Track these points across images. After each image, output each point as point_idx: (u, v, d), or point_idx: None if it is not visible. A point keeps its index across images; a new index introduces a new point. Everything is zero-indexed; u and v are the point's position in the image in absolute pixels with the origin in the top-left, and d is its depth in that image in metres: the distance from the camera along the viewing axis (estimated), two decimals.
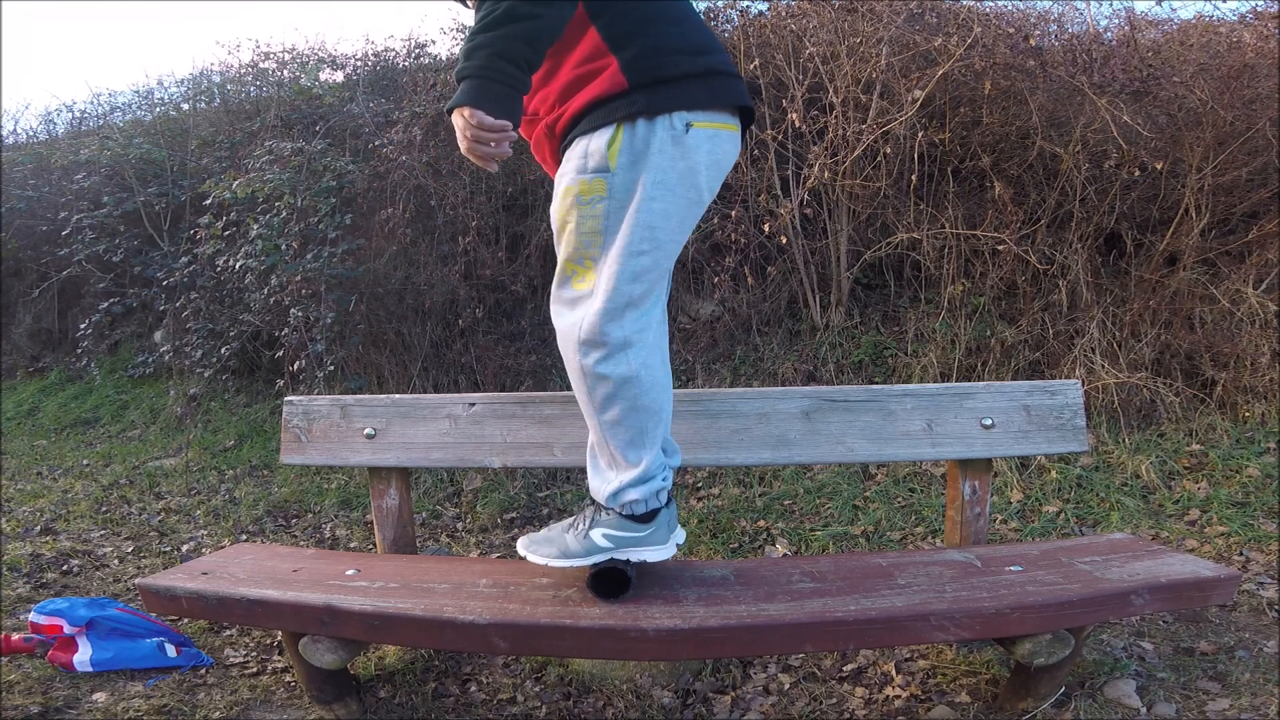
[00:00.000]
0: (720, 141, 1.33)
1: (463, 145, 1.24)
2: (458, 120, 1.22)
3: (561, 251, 1.34)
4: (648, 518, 1.38)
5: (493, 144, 1.22)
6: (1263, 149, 3.04)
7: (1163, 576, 1.39)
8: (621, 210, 1.29)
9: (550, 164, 1.44)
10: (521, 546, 1.45)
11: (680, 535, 1.45)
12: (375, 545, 1.90)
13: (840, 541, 2.52)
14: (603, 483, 1.40)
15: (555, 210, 1.33)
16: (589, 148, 1.28)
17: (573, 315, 1.33)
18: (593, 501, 1.42)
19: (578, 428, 1.74)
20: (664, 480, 1.40)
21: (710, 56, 1.31)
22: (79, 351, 5.05)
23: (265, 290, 3.74)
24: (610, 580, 1.40)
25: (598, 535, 1.38)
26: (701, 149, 1.30)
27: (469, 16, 1.28)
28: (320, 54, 5.92)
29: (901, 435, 1.70)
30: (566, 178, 1.31)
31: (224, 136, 5.26)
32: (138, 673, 1.78)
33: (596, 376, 1.31)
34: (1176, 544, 2.29)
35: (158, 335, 5.04)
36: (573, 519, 1.44)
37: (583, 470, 3.22)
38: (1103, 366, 2.91)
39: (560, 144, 1.35)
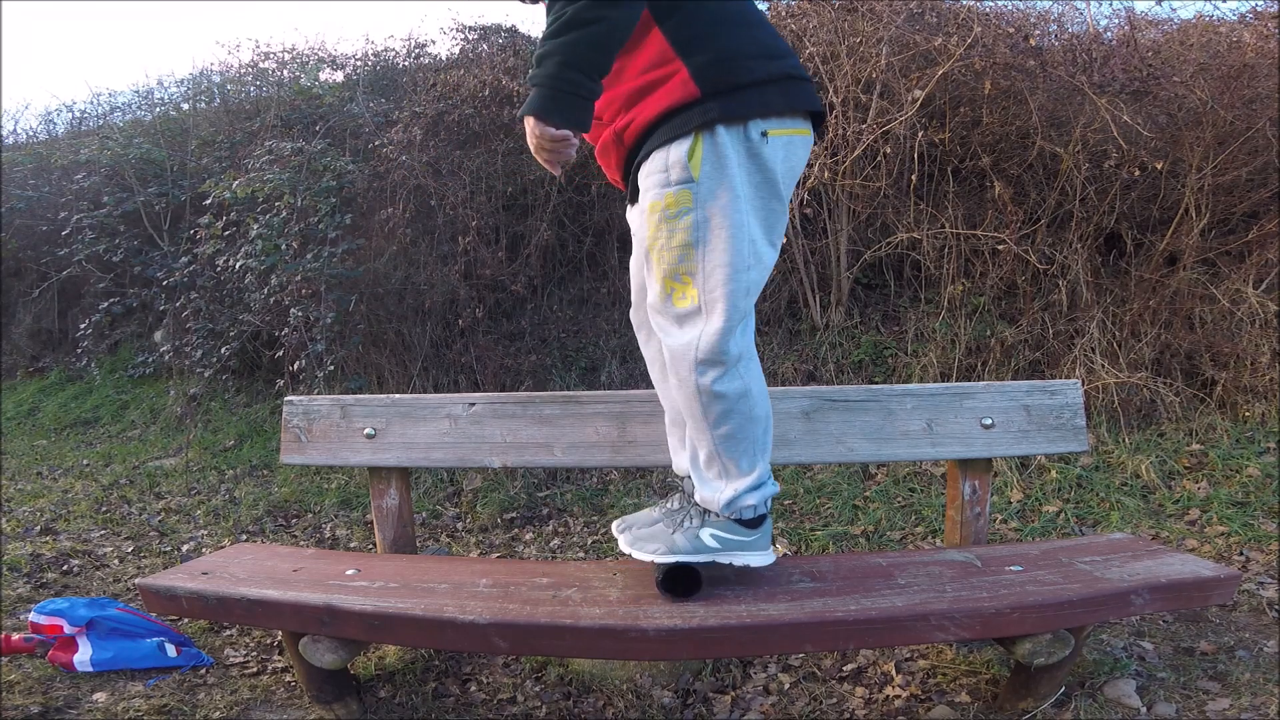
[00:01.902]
0: (795, 148, 1.31)
1: (531, 146, 1.27)
2: (527, 125, 1.24)
3: (656, 269, 1.31)
4: (756, 523, 1.38)
5: (556, 151, 1.25)
6: (1263, 149, 3.04)
7: (1163, 576, 1.39)
8: (712, 221, 1.26)
9: (615, 171, 1.40)
10: (625, 543, 1.43)
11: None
12: (375, 545, 1.90)
13: (840, 541, 2.52)
14: (714, 492, 1.38)
15: (644, 229, 1.31)
16: (669, 160, 1.24)
17: (685, 335, 1.30)
18: (694, 502, 1.42)
19: (578, 428, 1.74)
20: (774, 485, 1.40)
21: (784, 60, 1.28)
22: (79, 351, 5.05)
23: (265, 290, 3.74)
24: (682, 581, 1.40)
25: (707, 535, 1.37)
26: (778, 157, 1.28)
27: (529, 13, 1.28)
28: (320, 54, 5.92)
29: (901, 435, 1.70)
30: (650, 194, 1.28)
31: (224, 136, 5.26)
32: (138, 673, 1.78)
33: (714, 395, 1.30)
34: (1176, 544, 2.29)
35: (158, 335, 5.04)
36: (673, 514, 1.42)
37: (583, 471, 3.23)
38: (1103, 366, 2.91)
39: (628, 152, 1.32)
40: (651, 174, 1.27)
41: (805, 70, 1.34)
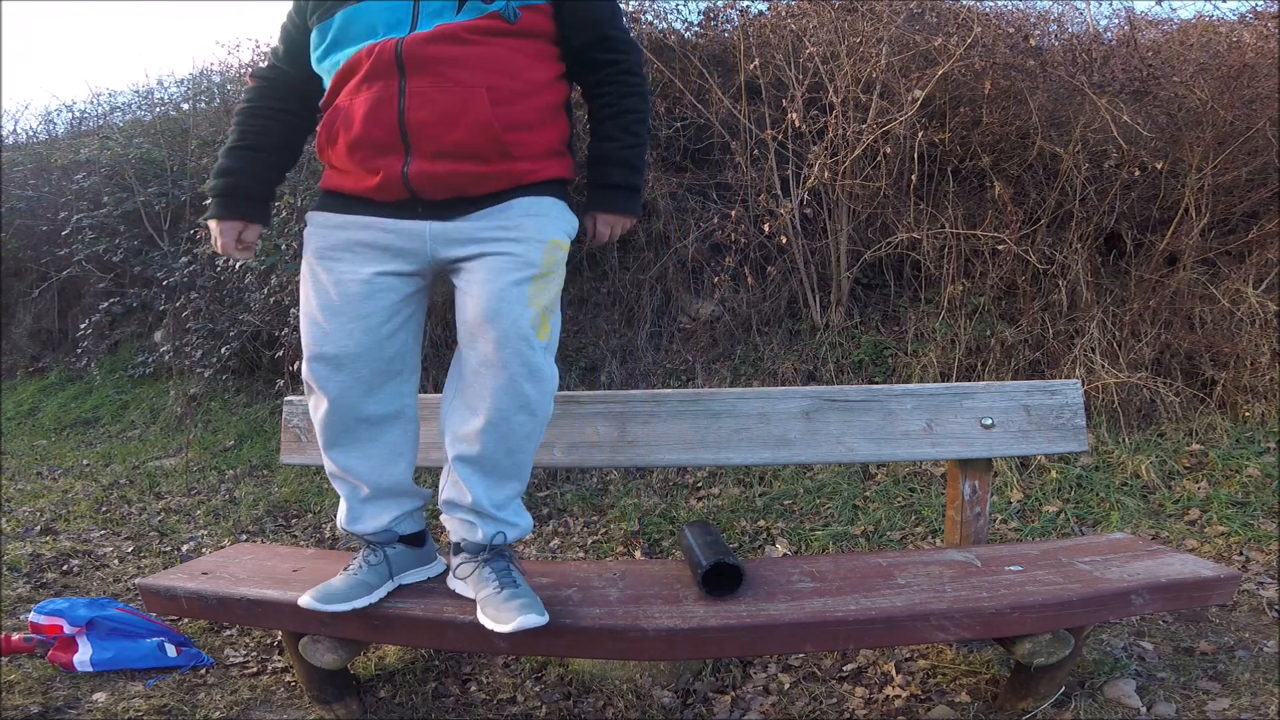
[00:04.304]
0: None
1: (608, 237, 1.52)
2: (623, 223, 1.51)
3: (539, 297, 1.36)
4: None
5: None
6: (1263, 149, 3.04)
7: (1163, 576, 1.39)
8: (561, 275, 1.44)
9: (471, 134, 1.32)
10: (497, 624, 1.30)
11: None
12: None
13: (840, 541, 2.52)
14: (524, 520, 1.46)
15: (539, 257, 1.36)
16: (567, 213, 1.45)
17: (547, 368, 1.37)
18: (493, 548, 1.42)
19: (577, 428, 1.74)
20: None
21: None
22: (79, 351, 5.05)
23: (265, 290, 3.74)
24: (726, 579, 1.41)
25: (515, 571, 1.41)
26: None
27: None
28: None
29: (901, 435, 1.70)
30: (557, 232, 1.41)
31: (224, 136, 5.25)
32: (138, 673, 1.78)
33: (544, 423, 1.41)
34: (1176, 544, 2.29)
35: (158, 335, 5.04)
36: (492, 577, 1.39)
37: (583, 470, 3.22)
38: (1103, 366, 2.91)
39: (515, 176, 1.37)
40: (557, 217, 1.42)
41: None
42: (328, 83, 1.40)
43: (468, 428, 1.37)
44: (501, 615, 1.28)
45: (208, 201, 1.49)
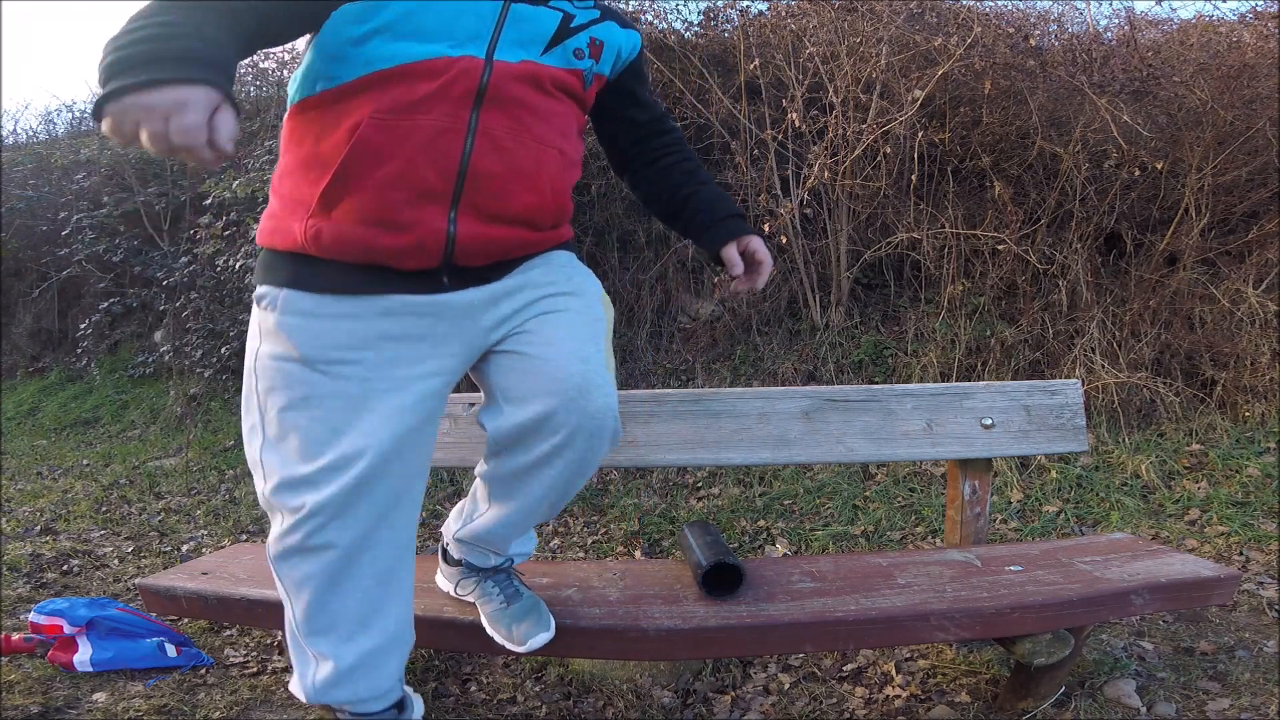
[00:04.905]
0: None
1: (770, 269, 1.37)
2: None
3: (610, 357, 1.20)
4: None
5: None
6: (1263, 149, 3.04)
7: (1163, 576, 1.39)
8: None
9: (541, 197, 1.14)
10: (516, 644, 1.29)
11: None
12: None
13: (840, 541, 2.52)
14: (532, 547, 1.44)
15: (605, 311, 1.24)
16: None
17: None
18: (498, 569, 1.37)
19: None
20: None
21: None
22: (79, 351, 5.05)
23: None
24: (726, 579, 1.41)
25: (518, 582, 1.37)
26: None
27: None
28: None
29: (901, 435, 1.70)
30: (601, 290, 1.29)
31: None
32: (138, 673, 1.78)
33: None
34: (1176, 544, 2.29)
35: (158, 335, 5.05)
36: (496, 591, 1.35)
37: None
38: (1103, 366, 2.91)
39: (552, 228, 1.21)
40: (589, 273, 1.28)
41: None
42: (350, 76, 1.02)
43: (535, 512, 1.23)
44: (515, 634, 1.27)
45: (127, 67, 0.78)
